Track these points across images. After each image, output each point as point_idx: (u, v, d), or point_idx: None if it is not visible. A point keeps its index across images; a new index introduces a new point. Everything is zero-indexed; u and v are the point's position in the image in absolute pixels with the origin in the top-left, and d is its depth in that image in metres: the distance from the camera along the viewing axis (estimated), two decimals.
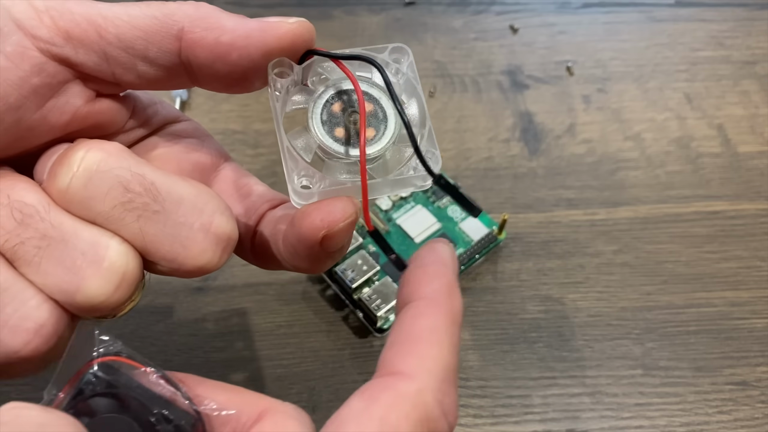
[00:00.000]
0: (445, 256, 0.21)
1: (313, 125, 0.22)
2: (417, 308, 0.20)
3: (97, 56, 0.21)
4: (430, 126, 0.22)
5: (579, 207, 0.39)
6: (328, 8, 0.46)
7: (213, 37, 0.21)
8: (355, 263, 0.34)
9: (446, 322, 0.20)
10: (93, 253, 0.20)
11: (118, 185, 0.20)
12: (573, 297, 0.36)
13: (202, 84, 0.22)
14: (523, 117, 0.42)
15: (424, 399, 0.18)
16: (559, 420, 0.32)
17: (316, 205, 0.21)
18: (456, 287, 0.20)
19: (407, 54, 0.23)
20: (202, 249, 0.21)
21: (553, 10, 0.47)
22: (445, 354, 0.19)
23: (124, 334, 0.33)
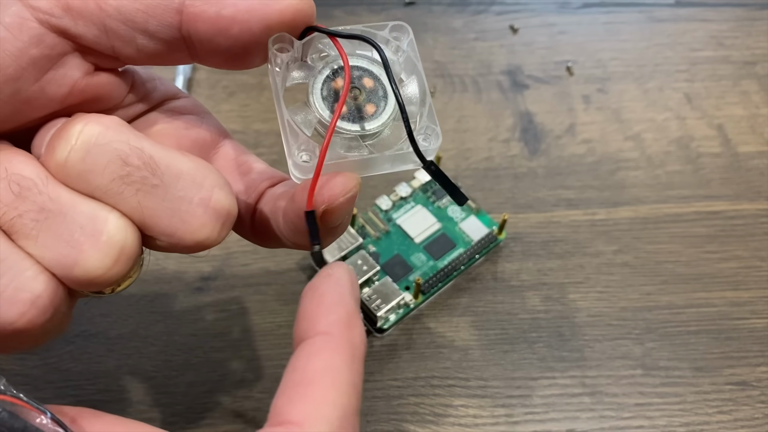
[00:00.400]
0: (342, 282, 0.20)
1: (314, 100, 0.22)
2: (312, 346, 0.19)
3: (96, 28, 0.21)
4: (430, 103, 0.22)
5: (579, 207, 0.39)
6: (328, 8, 0.46)
7: (214, 11, 0.21)
8: (355, 263, 0.34)
9: (344, 359, 0.19)
10: (91, 226, 0.20)
11: (117, 158, 0.20)
12: (573, 297, 0.36)
13: (202, 59, 0.22)
14: (523, 117, 0.42)
15: None
16: (559, 420, 0.32)
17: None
18: (356, 315, 0.20)
19: (407, 32, 0.23)
20: (201, 223, 0.21)
21: (553, 10, 0.47)
22: (342, 396, 0.18)
23: (124, 334, 0.33)
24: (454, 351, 0.34)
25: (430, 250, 0.36)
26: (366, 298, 0.33)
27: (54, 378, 0.32)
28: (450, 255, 0.36)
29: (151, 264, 0.35)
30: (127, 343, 0.33)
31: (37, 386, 0.32)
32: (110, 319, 0.34)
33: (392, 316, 0.34)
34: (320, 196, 0.21)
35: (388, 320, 0.34)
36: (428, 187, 0.38)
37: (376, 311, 0.33)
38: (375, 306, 0.33)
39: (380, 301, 0.33)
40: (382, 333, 0.34)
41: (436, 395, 0.33)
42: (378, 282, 0.34)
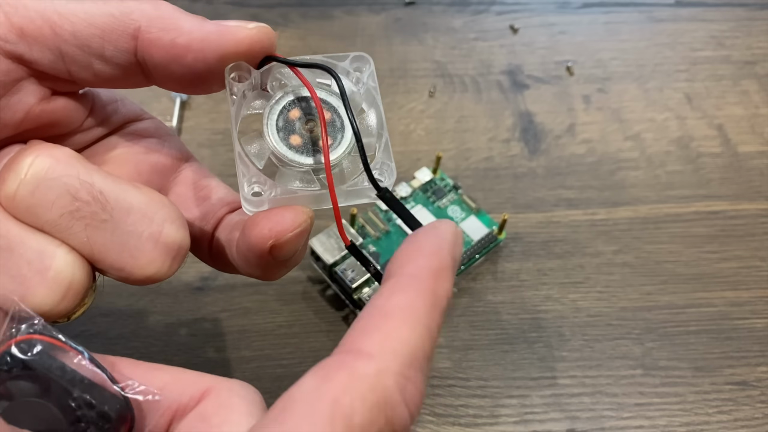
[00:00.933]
0: (443, 236, 0.19)
1: (268, 131, 0.22)
2: (396, 284, 0.18)
3: (52, 54, 0.21)
4: (386, 138, 0.22)
5: (579, 207, 0.39)
6: (328, 8, 0.46)
7: (169, 38, 0.21)
8: (355, 263, 0.34)
9: (426, 303, 0.18)
10: (39, 262, 0.19)
11: (66, 193, 0.20)
12: (573, 297, 0.36)
13: (158, 83, 0.22)
14: (523, 117, 0.42)
15: (384, 382, 0.17)
16: (559, 420, 0.32)
17: (265, 214, 0.21)
18: (448, 270, 0.19)
19: (368, 63, 0.23)
20: (150, 259, 0.21)
21: (553, 10, 0.47)
22: (416, 336, 0.17)
23: (124, 334, 0.33)
24: (454, 351, 0.34)
25: None
26: (366, 298, 0.33)
27: None
28: None
29: None
30: (127, 343, 0.33)
31: None
32: (110, 319, 0.34)
33: None
34: (268, 231, 0.20)
35: None
36: (428, 187, 0.38)
37: None
38: None
39: None
40: None
41: (436, 395, 0.33)
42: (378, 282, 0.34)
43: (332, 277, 0.35)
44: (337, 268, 0.34)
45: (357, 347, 0.17)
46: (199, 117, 0.41)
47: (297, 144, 0.22)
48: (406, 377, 0.17)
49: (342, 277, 0.33)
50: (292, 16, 0.46)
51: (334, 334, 0.34)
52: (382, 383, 0.17)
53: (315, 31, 0.45)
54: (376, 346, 0.17)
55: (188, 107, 0.41)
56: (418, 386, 0.17)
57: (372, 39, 0.45)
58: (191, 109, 0.41)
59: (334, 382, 0.17)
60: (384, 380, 0.17)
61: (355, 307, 0.34)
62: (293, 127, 0.22)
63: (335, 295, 0.35)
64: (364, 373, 0.17)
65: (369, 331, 0.17)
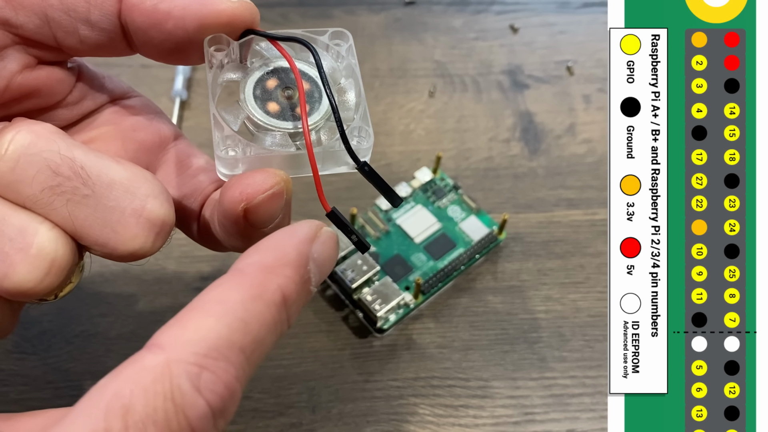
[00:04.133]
0: (296, 232, 0.19)
1: (245, 98, 0.22)
2: (220, 279, 0.18)
3: (38, 18, 0.20)
4: (365, 106, 0.22)
5: (579, 207, 0.39)
6: (328, 8, 0.46)
7: (151, 3, 0.21)
8: (355, 263, 0.34)
9: (243, 295, 0.18)
10: (21, 239, 0.19)
11: (47, 168, 0.19)
12: (573, 297, 0.36)
13: (140, 51, 0.22)
14: (523, 117, 0.42)
15: (172, 372, 0.16)
16: (559, 420, 0.32)
17: (237, 178, 0.21)
18: (289, 265, 0.18)
19: (347, 38, 0.23)
20: (133, 234, 0.20)
21: (553, 10, 0.47)
22: (222, 326, 0.17)
23: (123, 334, 0.33)
24: (454, 351, 0.34)
25: (430, 250, 0.36)
26: (366, 298, 0.33)
27: (54, 378, 0.32)
28: (450, 255, 0.36)
29: (151, 264, 0.35)
30: (127, 343, 0.33)
31: (37, 386, 0.32)
32: (110, 319, 0.34)
33: (392, 316, 0.34)
34: (239, 194, 0.20)
35: (388, 320, 0.34)
36: (428, 187, 0.38)
37: (376, 311, 0.33)
38: (375, 306, 0.33)
39: (380, 301, 0.33)
40: (382, 333, 0.34)
41: (436, 395, 0.33)
42: (378, 282, 0.34)
43: (332, 277, 0.35)
44: (337, 268, 0.34)
45: (153, 341, 0.17)
46: (199, 117, 0.41)
47: (274, 110, 0.22)
48: (201, 367, 0.16)
49: (342, 277, 0.33)
50: (292, 15, 0.46)
51: (334, 334, 0.34)
52: (169, 373, 0.16)
53: None
54: (169, 338, 0.17)
55: (188, 107, 0.41)
56: (220, 376, 0.17)
57: (372, 39, 0.45)
58: (191, 109, 0.41)
59: (119, 376, 0.16)
60: (172, 370, 0.16)
61: (355, 308, 0.34)
62: (270, 95, 0.22)
63: (335, 295, 0.35)
64: (151, 365, 0.16)
65: (171, 325, 0.17)
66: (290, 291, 0.18)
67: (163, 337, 0.17)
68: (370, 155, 0.22)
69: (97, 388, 0.16)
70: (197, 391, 0.16)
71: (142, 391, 0.16)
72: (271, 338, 0.18)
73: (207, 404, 0.16)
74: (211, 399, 0.16)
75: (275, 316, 0.18)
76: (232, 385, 0.17)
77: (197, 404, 0.16)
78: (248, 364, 0.18)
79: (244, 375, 0.17)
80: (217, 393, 0.17)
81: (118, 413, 0.16)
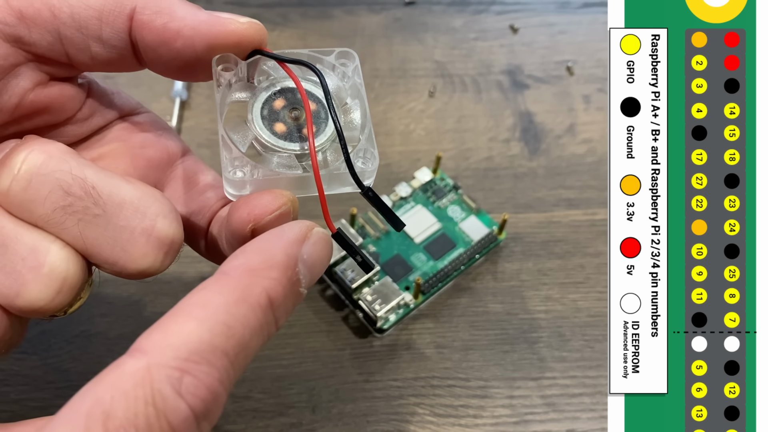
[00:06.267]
0: (285, 233, 0.19)
1: (253, 118, 0.22)
2: (204, 283, 0.18)
3: (51, 36, 0.21)
4: (370, 127, 0.23)
5: (579, 207, 0.39)
6: (328, 8, 0.46)
7: (161, 22, 0.21)
8: (355, 263, 0.33)
9: (226, 299, 0.18)
10: (33, 258, 0.19)
11: (58, 188, 0.20)
12: (573, 297, 0.36)
13: (150, 67, 0.22)
14: (523, 117, 0.42)
15: (153, 376, 0.16)
16: (559, 420, 0.32)
17: (245, 198, 0.21)
18: (276, 267, 0.18)
19: (353, 58, 0.23)
20: (143, 253, 0.21)
21: (553, 10, 0.47)
22: (204, 330, 0.17)
23: (124, 334, 0.33)
24: (454, 351, 0.34)
25: (430, 250, 0.36)
26: (366, 298, 0.33)
27: (54, 378, 0.32)
28: (450, 255, 0.36)
29: None
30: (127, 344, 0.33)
31: (37, 386, 0.32)
32: (110, 319, 0.34)
33: (392, 316, 0.34)
34: (246, 215, 0.20)
35: (388, 320, 0.34)
36: (428, 187, 0.38)
37: (376, 311, 0.33)
38: (375, 306, 0.33)
39: (380, 301, 0.33)
40: (382, 333, 0.34)
41: (436, 395, 0.33)
42: (378, 282, 0.34)
43: (332, 277, 0.35)
44: (337, 268, 0.34)
45: (135, 346, 0.17)
46: (199, 117, 0.41)
47: (281, 131, 0.22)
48: (182, 370, 0.16)
49: (342, 277, 0.33)
50: (291, 15, 0.46)
51: (334, 335, 0.34)
52: (150, 377, 0.16)
53: (315, 31, 0.45)
54: (151, 343, 0.17)
55: (188, 107, 0.41)
56: (203, 380, 0.17)
57: (372, 39, 0.45)
58: (191, 109, 0.41)
59: (101, 382, 0.17)
60: (153, 374, 0.16)
61: (354, 308, 0.34)
62: (278, 115, 0.22)
63: (335, 295, 0.35)
64: (132, 370, 0.16)
65: (153, 329, 0.17)
66: (277, 293, 0.18)
67: (145, 341, 0.17)
68: (374, 176, 0.23)
69: (78, 394, 0.16)
70: (179, 395, 0.16)
71: (123, 397, 0.16)
72: (257, 341, 0.18)
73: (189, 408, 0.16)
74: (193, 403, 0.16)
75: (261, 318, 0.18)
76: (215, 388, 0.17)
77: (179, 408, 0.16)
78: (232, 367, 0.18)
79: (228, 378, 0.17)
80: (200, 397, 0.17)
81: (98, 419, 0.16)
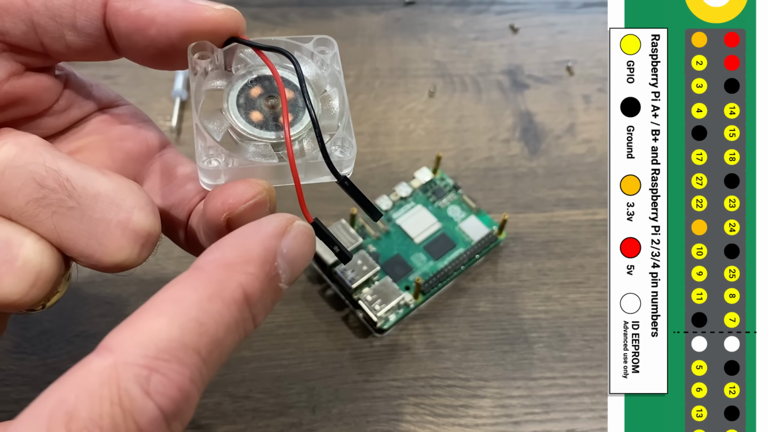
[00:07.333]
0: (263, 227, 0.19)
1: (228, 107, 0.22)
2: (177, 278, 0.18)
3: (24, 25, 0.20)
4: (348, 116, 0.22)
5: (579, 207, 0.39)
6: (328, 8, 0.46)
7: (135, 9, 0.21)
8: (355, 263, 0.33)
9: (198, 294, 0.17)
10: (6, 251, 0.19)
11: (32, 181, 0.19)
12: (573, 297, 0.36)
13: (125, 55, 0.22)
14: (523, 117, 0.42)
15: (119, 375, 0.16)
16: (559, 420, 0.32)
17: (219, 188, 0.21)
18: (253, 262, 0.18)
19: (332, 45, 0.23)
20: (119, 246, 0.20)
21: (553, 10, 0.47)
22: (175, 327, 0.16)
23: None
24: (454, 351, 0.34)
25: (430, 250, 0.36)
26: (366, 298, 0.33)
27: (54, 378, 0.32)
28: (450, 255, 0.36)
29: (151, 264, 0.35)
30: None
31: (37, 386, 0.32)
32: (110, 319, 0.34)
33: (392, 316, 0.34)
34: (221, 204, 0.20)
35: (388, 320, 0.34)
36: (428, 187, 0.38)
37: (376, 311, 0.33)
38: (375, 306, 0.33)
39: (380, 301, 0.33)
40: (382, 333, 0.34)
41: (436, 395, 0.33)
42: (378, 282, 0.34)
43: (332, 277, 0.35)
44: (336, 268, 0.34)
45: (102, 344, 0.17)
46: None
47: (257, 120, 0.22)
48: (150, 368, 0.16)
49: (342, 277, 0.33)
50: (291, 15, 0.46)
51: (334, 335, 0.34)
52: (117, 376, 0.16)
53: (315, 31, 0.45)
54: (118, 340, 0.16)
55: (188, 107, 0.41)
56: (172, 378, 0.16)
57: (372, 39, 0.45)
58: (191, 109, 0.41)
59: (66, 382, 0.16)
60: (119, 373, 0.16)
61: (354, 308, 0.34)
62: (254, 104, 0.22)
63: (335, 295, 0.35)
64: (98, 368, 0.16)
65: (122, 327, 0.17)
66: (253, 289, 0.18)
67: (113, 339, 0.17)
68: (353, 165, 0.22)
69: (42, 395, 0.16)
70: (146, 394, 0.16)
71: (88, 396, 0.16)
72: (232, 338, 0.18)
73: (158, 408, 0.16)
74: (161, 402, 0.16)
75: (236, 315, 0.18)
76: (186, 387, 0.16)
77: (147, 408, 0.16)
78: (205, 365, 0.17)
79: (200, 377, 0.17)
80: (169, 396, 0.16)
81: (61, 420, 0.15)
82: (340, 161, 0.22)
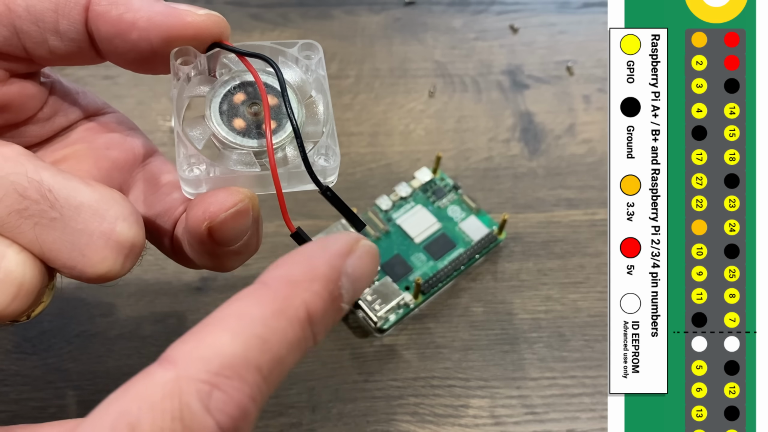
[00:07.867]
0: (330, 245, 0.18)
1: (210, 114, 0.22)
2: (242, 292, 0.17)
3: (6, 30, 0.20)
4: (332, 123, 0.22)
5: (579, 207, 0.39)
6: (328, 8, 0.46)
7: (117, 13, 0.21)
8: None
9: (262, 310, 0.17)
10: None
11: (13, 191, 0.19)
12: (573, 297, 0.36)
13: (109, 59, 0.22)
14: (523, 117, 0.42)
15: (181, 389, 0.16)
16: (559, 420, 0.32)
17: (201, 196, 0.21)
18: (318, 280, 0.18)
19: (317, 50, 0.23)
20: (102, 257, 0.20)
21: (553, 10, 0.47)
22: (239, 343, 0.16)
23: (124, 334, 0.33)
24: (454, 351, 0.34)
25: (430, 250, 0.36)
26: (366, 298, 0.33)
27: (54, 378, 0.32)
28: (450, 255, 0.36)
29: (151, 264, 0.35)
30: (127, 343, 0.33)
31: (37, 386, 0.32)
32: (110, 319, 0.34)
33: (392, 316, 0.34)
34: (202, 213, 0.20)
35: (388, 320, 0.34)
36: (428, 187, 0.38)
37: (376, 311, 0.33)
38: (375, 306, 0.33)
39: (380, 301, 0.33)
40: (382, 333, 0.34)
41: (436, 395, 0.33)
42: (378, 282, 0.34)
43: None
44: None
45: (165, 356, 0.16)
46: None
47: (240, 127, 0.22)
48: (212, 384, 0.16)
49: None
50: (291, 15, 0.46)
51: (334, 334, 0.34)
52: (179, 390, 0.16)
53: (315, 31, 0.45)
54: (182, 353, 0.16)
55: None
56: (233, 396, 0.16)
57: (372, 39, 0.45)
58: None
59: (129, 392, 0.16)
60: (182, 387, 0.16)
61: (355, 308, 0.34)
62: (237, 111, 0.22)
63: None
64: (161, 381, 0.16)
65: (186, 339, 0.17)
66: (317, 307, 0.18)
67: (176, 351, 0.16)
68: (337, 173, 0.22)
69: (105, 403, 0.16)
70: (207, 410, 0.16)
71: (150, 409, 0.15)
72: (293, 357, 0.18)
73: (217, 425, 0.16)
74: (221, 420, 0.16)
75: (298, 333, 0.17)
76: (245, 405, 0.16)
77: (206, 425, 0.16)
78: (265, 383, 0.17)
79: (260, 395, 0.17)
80: (228, 414, 0.16)
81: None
82: (323, 170, 0.21)
